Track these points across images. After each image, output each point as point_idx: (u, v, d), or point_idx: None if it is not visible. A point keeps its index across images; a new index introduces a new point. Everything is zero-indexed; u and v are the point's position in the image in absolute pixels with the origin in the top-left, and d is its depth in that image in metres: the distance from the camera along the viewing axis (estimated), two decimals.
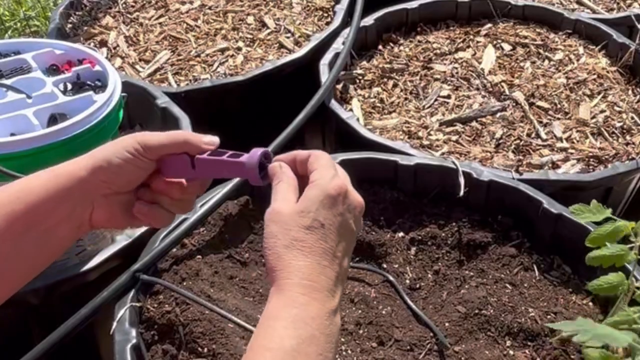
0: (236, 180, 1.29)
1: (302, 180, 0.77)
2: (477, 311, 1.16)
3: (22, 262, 0.77)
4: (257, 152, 0.80)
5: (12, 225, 0.75)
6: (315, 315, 0.67)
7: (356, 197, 0.76)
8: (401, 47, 1.90)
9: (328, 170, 0.75)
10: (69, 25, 1.98)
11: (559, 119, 1.65)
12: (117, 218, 0.84)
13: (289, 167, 0.78)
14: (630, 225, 1.00)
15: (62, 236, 0.80)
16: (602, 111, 1.68)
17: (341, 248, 0.73)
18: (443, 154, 1.55)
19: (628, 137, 1.63)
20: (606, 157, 1.55)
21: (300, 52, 1.81)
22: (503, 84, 1.73)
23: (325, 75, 1.67)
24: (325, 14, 2.04)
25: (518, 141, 1.58)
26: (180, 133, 0.84)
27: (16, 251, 0.76)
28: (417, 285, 1.25)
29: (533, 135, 1.60)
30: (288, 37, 1.93)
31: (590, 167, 1.53)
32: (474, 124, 1.63)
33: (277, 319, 0.67)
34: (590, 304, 1.21)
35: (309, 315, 0.67)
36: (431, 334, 1.13)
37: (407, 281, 1.25)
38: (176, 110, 1.53)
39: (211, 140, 0.84)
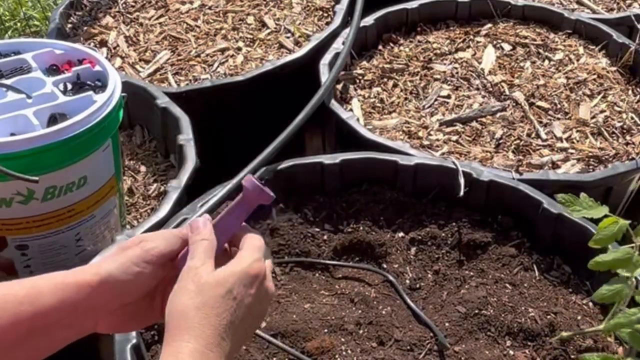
0: (235, 181, 1.28)
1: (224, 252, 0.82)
2: (477, 311, 1.16)
3: (18, 357, 0.78)
4: (248, 178, 0.82)
5: (17, 325, 0.75)
6: None
7: (271, 286, 0.79)
8: (401, 47, 1.90)
9: (254, 252, 0.78)
10: (69, 25, 1.99)
11: (559, 119, 1.65)
12: (121, 327, 0.85)
13: (211, 228, 0.81)
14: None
15: (62, 339, 0.80)
16: (602, 111, 1.68)
17: (244, 326, 0.75)
18: (443, 154, 1.55)
19: (628, 137, 1.63)
20: (606, 157, 1.56)
21: (300, 52, 1.81)
22: (503, 84, 1.73)
23: (325, 76, 1.67)
24: (325, 14, 2.04)
25: (518, 141, 1.58)
26: (177, 231, 0.84)
27: (14, 349, 0.76)
28: (417, 285, 1.25)
29: (533, 135, 1.60)
30: (288, 37, 1.93)
31: (590, 167, 1.54)
32: (474, 124, 1.63)
33: None
34: (590, 304, 1.21)
35: None
36: (431, 334, 1.13)
37: (407, 281, 1.25)
38: (176, 110, 1.53)
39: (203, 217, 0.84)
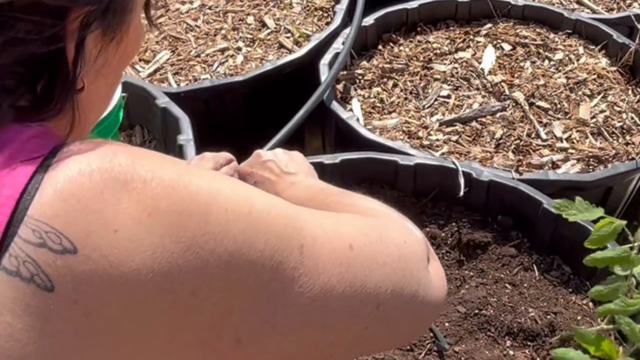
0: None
1: None
2: (477, 311, 1.16)
3: None
4: None
5: None
6: None
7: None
8: (401, 47, 1.90)
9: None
10: None
11: (559, 119, 1.65)
12: None
13: None
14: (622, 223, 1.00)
15: None
16: (602, 111, 1.68)
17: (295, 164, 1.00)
18: (443, 154, 1.55)
19: (628, 137, 1.63)
20: (606, 157, 1.55)
21: (300, 52, 1.81)
22: (503, 84, 1.73)
23: (325, 76, 1.67)
24: (325, 14, 2.04)
25: (518, 141, 1.58)
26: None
27: None
28: None
29: (533, 135, 1.60)
30: (288, 37, 1.93)
31: (590, 167, 1.53)
32: (474, 124, 1.63)
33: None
34: (590, 304, 1.21)
35: None
36: (431, 334, 1.13)
37: None
38: (176, 110, 1.53)
39: None
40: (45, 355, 0.44)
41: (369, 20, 1.90)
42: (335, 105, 1.62)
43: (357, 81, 1.79)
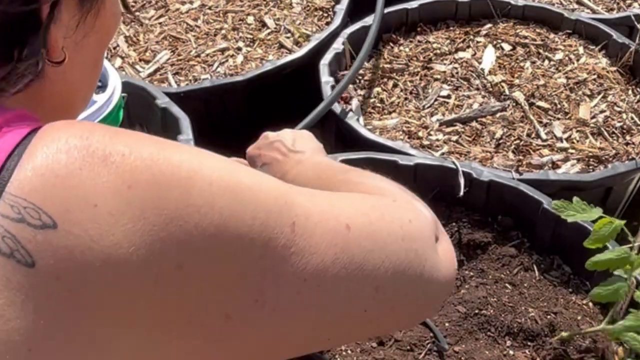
0: None
1: None
2: (477, 311, 1.16)
3: None
4: None
5: None
6: None
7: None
8: (401, 47, 1.90)
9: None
10: None
11: (559, 119, 1.65)
12: None
13: None
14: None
15: None
16: (602, 111, 1.68)
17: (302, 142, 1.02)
18: (443, 154, 1.55)
19: (628, 137, 1.63)
20: (606, 157, 1.55)
21: (300, 52, 1.81)
22: (503, 84, 1.73)
23: (325, 76, 1.67)
24: (325, 14, 2.04)
25: (518, 141, 1.58)
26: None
27: None
28: None
29: (533, 135, 1.60)
30: (288, 37, 1.93)
31: (590, 167, 1.54)
32: (474, 124, 1.63)
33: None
34: (590, 304, 1.21)
35: None
36: (431, 334, 1.13)
37: None
38: (176, 110, 1.53)
39: None
40: (29, 331, 0.43)
41: (369, 20, 1.90)
42: (335, 105, 1.63)
43: (357, 81, 1.79)
